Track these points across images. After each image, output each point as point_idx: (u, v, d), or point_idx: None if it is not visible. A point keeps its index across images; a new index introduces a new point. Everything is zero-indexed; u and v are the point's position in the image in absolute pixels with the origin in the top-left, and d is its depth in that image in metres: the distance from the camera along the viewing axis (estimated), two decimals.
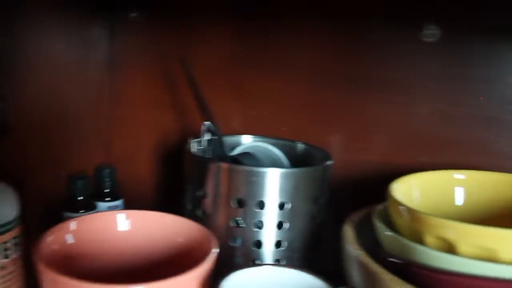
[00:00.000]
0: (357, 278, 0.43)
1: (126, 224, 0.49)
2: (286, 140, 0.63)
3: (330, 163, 0.55)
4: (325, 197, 0.55)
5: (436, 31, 0.57)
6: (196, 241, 0.46)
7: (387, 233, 0.43)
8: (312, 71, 0.65)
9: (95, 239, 0.47)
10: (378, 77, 0.62)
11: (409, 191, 0.49)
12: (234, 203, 0.51)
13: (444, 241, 0.38)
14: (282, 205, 0.51)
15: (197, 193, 0.53)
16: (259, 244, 0.51)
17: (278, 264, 0.52)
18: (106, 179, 0.69)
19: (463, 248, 0.37)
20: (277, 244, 0.52)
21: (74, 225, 0.46)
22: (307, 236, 0.53)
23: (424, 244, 0.40)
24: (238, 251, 0.52)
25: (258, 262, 0.52)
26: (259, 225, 0.51)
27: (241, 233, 0.51)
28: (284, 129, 0.67)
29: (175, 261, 0.47)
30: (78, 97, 0.70)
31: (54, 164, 0.66)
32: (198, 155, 0.56)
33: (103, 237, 0.48)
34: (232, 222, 0.51)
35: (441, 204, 0.50)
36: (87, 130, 0.73)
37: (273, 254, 0.52)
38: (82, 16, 0.69)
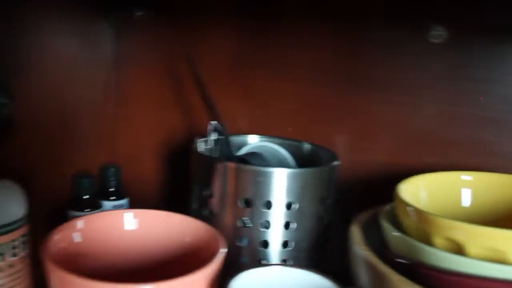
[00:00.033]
0: (365, 278, 0.43)
1: (133, 223, 0.49)
2: (293, 140, 0.63)
3: (337, 163, 0.55)
4: (332, 197, 0.55)
5: (443, 32, 0.57)
6: (204, 241, 0.46)
7: (394, 233, 0.43)
8: (317, 71, 0.65)
9: (102, 238, 0.47)
10: (383, 78, 0.62)
11: (416, 191, 0.49)
12: (241, 203, 0.50)
13: (452, 242, 0.38)
14: (289, 205, 0.51)
15: (204, 193, 0.53)
16: (265, 244, 0.51)
17: (287, 264, 0.52)
18: (111, 178, 0.69)
19: (471, 249, 0.37)
20: (284, 244, 0.52)
21: (81, 223, 0.46)
22: (314, 237, 0.53)
23: (432, 245, 0.40)
24: (245, 251, 0.52)
25: (264, 262, 0.52)
26: (266, 225, 0.51)
27: (247, 233, 0.51)
28: (290, 129, 0.67)
29: (182, 260, 0.47)
30: (83, 96, 0.70)
31: (59, 163, 0.66)
32: (205, 154, 0.56)
33: (110, 236, 0.48)
34: (239, 222, 0.51)
35: (447, 205, 0.50)
36: (92, 129, 0.73)
37: (279, 254, 0.52)
38: (88, 15, 0.69)
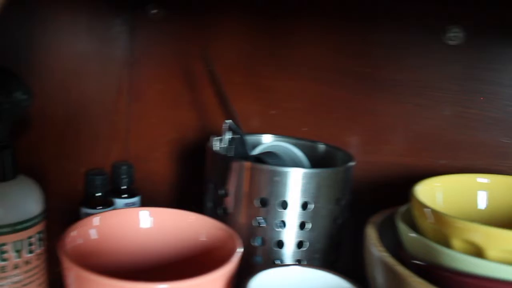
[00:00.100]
0: (381, 280, 0.43)
1: (149, 222, 0.48)
2: (307, 140, 0.63)
3: (352, 164, 0.55)
4: (346, 198, 0.55)
5: (459, 34, 0.57)
6: (219, 240, 0.46)
7: (412, 235, 0.43)
8: (331, 72, 0.65)
9: (117, 236, 0.47)
10: (397, 79, 0.62)
11: (432, 193, 0.48)
12: (256, 202, 0.50)
13: (471, 244, 0.38)
14: (304, 205, 0.50)
15: (219, 192, 0.53)
16: (280, 244, 0.51)
17: (306, 264, 0.52)
18: (123, 176, 0.69)
19: (490, 252, 0.37)
20: (299, 245, 0.52)
21: (97, 220, 0.46)
22: (328, 237, 0.53)
23: (450, 247, 0.39)
24: (259, 250, 0.52)
25: (278, 263, 0.52)
26: (281, 225, 0.51)
27: (262, 232, 0.51)
28: (304, 129, 0.67)
29: (197, 259, 0.47)
30: (96, 93, 0.70)
31: (71, 160, 0.66)
32: (221, 153, 0.56)
33: (125, 233, 0.47)
34: (253, 221, 0.51)
35: (463, 208, 0.50)
36: (105, 127, 0.73)
37: (294, 254, 0.52)
38: (102, 13, 0.69)
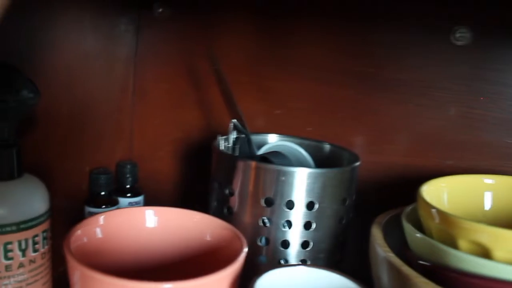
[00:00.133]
0: (387, 280, 0.42)
1: (154, 221, 0.48)
2: (312, 140, 0.63)
3: (358, 164, 0.54)
4: (351, 198, 0.54)
5: (466, 34, 0.57)
6: (225, 240, 0.45)
7: (418, 235, 0.43)
8: (336, 72, 0.65)
9: (122, 235, 0.47)
10: (402, 79, 0.62)
11: (438, 194, 0.48)
12: (262, 201, 0.50)
13: (478, 245, 0.38)
14: (310, 205, 0.50)
15: (224, 191, 0.53)
16: (285, 244, 0.51)
17: (312, 264, 0.51)
18: (127, 175, 0.69)
19: (497, 252, 0.37)
20: (304, 245, 0.51)
21: (102, 219, 0.46)
22: (333, 237, 0.53)
23: (456, 247, 0.39)
24: (264, 250, 0.51)
25: (283, 263, 0.51)
26: (287, 224, 0.51)
27: (268, 232, 0.51)
28: (309, 129, 0.67)
29: (202, 259, 0.47)
30: (102, 92, 0.70)
31: (76, 159, 0.66)
32: (227, 152, 0.56)
33: (130, 232, 0.47)
34: (259, 221, 0.51)
35: (469, 208, 0.50)
36: (110, 126, 0.73)
37: (299, 254, 0.51)
38: (108, 11, 0.69)
